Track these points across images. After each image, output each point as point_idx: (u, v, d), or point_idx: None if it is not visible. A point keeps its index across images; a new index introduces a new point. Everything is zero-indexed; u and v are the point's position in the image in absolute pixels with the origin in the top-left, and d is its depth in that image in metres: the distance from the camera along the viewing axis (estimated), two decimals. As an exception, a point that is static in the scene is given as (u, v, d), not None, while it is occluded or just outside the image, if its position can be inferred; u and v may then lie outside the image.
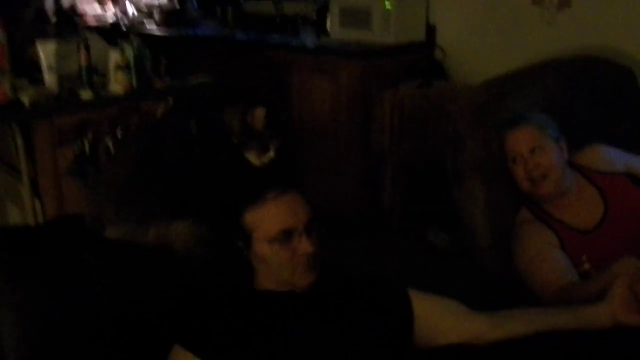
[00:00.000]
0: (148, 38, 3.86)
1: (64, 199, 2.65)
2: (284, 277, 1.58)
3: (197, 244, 1.55)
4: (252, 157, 1.67)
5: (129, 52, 2.69)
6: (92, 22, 4.54)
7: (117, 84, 2.69)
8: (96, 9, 4.65)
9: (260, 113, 1.65)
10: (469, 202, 2.16)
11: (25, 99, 2.66)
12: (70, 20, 4.13)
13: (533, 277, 1.98)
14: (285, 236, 1.54)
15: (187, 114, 1.66)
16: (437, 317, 1.67)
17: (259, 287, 1.62)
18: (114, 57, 2.70)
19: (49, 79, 2.82)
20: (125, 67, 2.64)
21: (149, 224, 1.52)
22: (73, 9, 4.44)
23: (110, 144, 2.37)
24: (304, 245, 1.55)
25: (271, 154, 1.66)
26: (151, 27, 4.60)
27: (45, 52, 2.79)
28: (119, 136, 2.41)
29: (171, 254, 1.52)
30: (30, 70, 2.91)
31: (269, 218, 1.55)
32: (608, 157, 2.21)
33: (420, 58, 3.71)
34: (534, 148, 2.06)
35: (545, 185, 2.05)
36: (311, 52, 3.65)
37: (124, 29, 4.26)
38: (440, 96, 3.57)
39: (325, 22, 3.88)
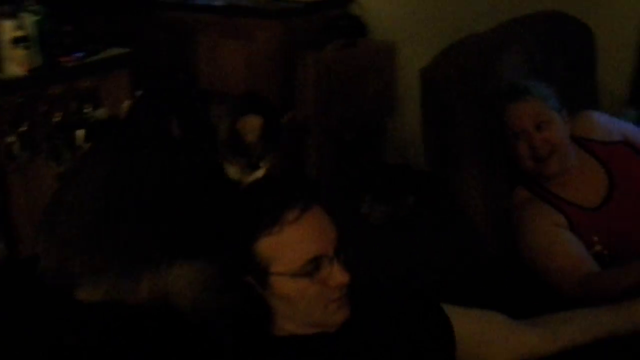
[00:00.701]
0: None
1: None
2: (314, 318, 1.25)
3: (206, 292, 1.16)
4: (233, 171, 1.29)
5: (30, 21, 2.11)
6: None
7: (14, 64, 2.12)
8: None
9: (255, 123, 1.26)
10: (467, 184, 1.91)
11: None
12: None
13: (547, 266, 1.77)
14: (314, 267, 1.21)
15: (163, 110, 1.24)
16: (481, 336, 1.43)
17: (280, 332, 1.28)
18: (9, 28, 2.11)
19: None
20: (24, 40, 2.07)
21: (139, 274, 1.11)
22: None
23: (15, 147, 1.83)
24: (338, 275, 1.22)
25: (259, 173, 1.30)
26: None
27: None
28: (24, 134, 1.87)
29: (175, 316, 1.12)
30: None
31: (292, 246, 1.20)
32: (604, 126, 2.03)
33: (340, 15, 3.39)
34: (540, 123, 1.84)
35: (551, 163, 1.84)
36: (219, 11, 3.22)
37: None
38: (371, 56, 3.31)
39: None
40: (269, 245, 1.20)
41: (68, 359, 1.06)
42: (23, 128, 2.00)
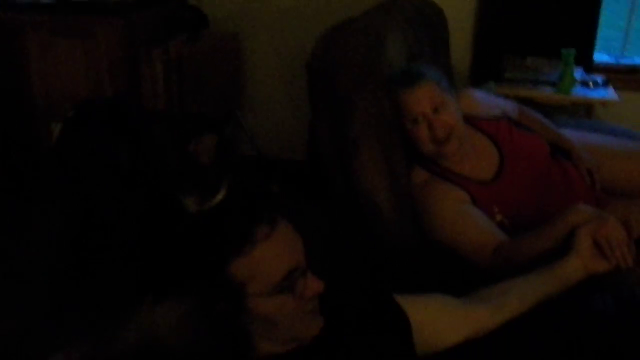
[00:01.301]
0: None
1: None
2: (293, 333, 1.20)
3: (188, 327, 1.04)
4: (189, 203, 1.16)
5: None
6: None
7: None
8: None
9: (209, 142, 1.14)
10: (369, 170, 1.90)
11: None
12: None
13: (459, 242, 1.83)
14: (290, 281, 1.15)
15: (104, 134, 1.07)
16: (434, 321, 1.44)
17: (262, 352, 1.20)
18: None
19: None
20: None
21: (126, 322, 0.96)
22: None
23: None
24: (313, 284, 1.19)
25: (220, 196, 1.18)
26: None
27: None
28: None
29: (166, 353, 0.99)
30: None
31: (266, 263, 1.13)
32: (484, 102, 2.13)
33: (178, 6, 3.24)
34: (437, 106, 1.88)
35: (451, 144, 1.90)
36: (51, 9, 2.91)
37: None
38: (216, 48, 3.20)
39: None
40: (242, 267, 1.12)
41: None
42: None
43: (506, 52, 3.07)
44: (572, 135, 2.19)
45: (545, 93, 2.86)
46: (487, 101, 2.14)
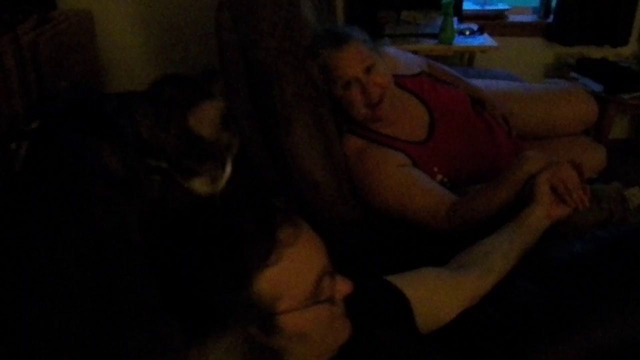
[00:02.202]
0: None
1: None
2: (326, 345, 1.07)
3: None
4: (200, 185, 0.96)
5: None
6: None
7: None
8: None
9: (210, 111, 0.92)
10: (304, 147, 1.75)
11: None
12: None
13: (408, 208, 1.75)
14: (320, 288, 1.01)
15: (84, 137, 0.82)
16: (430, 297, 1.36)
17: None
18: None
19: None
20: None
21: None
22: None
23: None
24: (344, 285, 1.05)
25: (228, 170, 0.98)
26: None
27: None
28: None
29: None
30: None
31: (296, 273, 0.98)
32: (404, 60, 2.05)
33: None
34: (369, 67, 1.76)
35: (384, 106, 1.80)
36: None
37: None
38: (70, 28, 2.85)
39: None
40: (268, 282, 0.96)
41: None
42: None
43: (380, 8, 3.02)
44: (479, 84, 2.18)
45: (429, 45, 2.84)
46: (404, 58, 2.06)
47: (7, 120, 2.67)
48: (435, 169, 1.85)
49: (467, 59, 3.05)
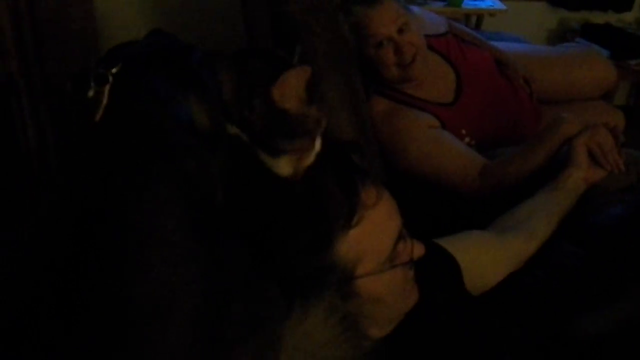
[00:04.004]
0: None
1: None
2: (397, 309, 1.04)
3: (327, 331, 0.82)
4: (285, 164, 0.91)
5: None
6: None
7: None
8: None
9: (294, 81, 0.86)
10: (334, 108, 1.70)
11: None
12: None
13: (441, 169, 1.72)
14: (395, 250, 0.99)
15: (172, 89, 0.77)
16: (477, 260, 1.34)
17: (373, 340, 1.02)
18: None
19: None
20: None
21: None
22: None
23: None
24: (418, 248, 1.02)
25: (317, 147, 0.93)
26: None
27: None
28: None
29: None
30: None
31: (376, 236, 0.96)
32: (429, 20, 2.00)
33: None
34: (402, 27, 1.71)
35: (416, 66, 1.76)
36: None
37: None
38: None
39: None
40: (350, 245, 0.92)
41: None
42: None
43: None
44: (500, 46, 2.15)
45: (438, 7, 2.80)
46: (429, 18, 2.01)
47: (2, 77, 2.58)
48: (463, 132, 1.83)
49: (474, 22, 3.01)
